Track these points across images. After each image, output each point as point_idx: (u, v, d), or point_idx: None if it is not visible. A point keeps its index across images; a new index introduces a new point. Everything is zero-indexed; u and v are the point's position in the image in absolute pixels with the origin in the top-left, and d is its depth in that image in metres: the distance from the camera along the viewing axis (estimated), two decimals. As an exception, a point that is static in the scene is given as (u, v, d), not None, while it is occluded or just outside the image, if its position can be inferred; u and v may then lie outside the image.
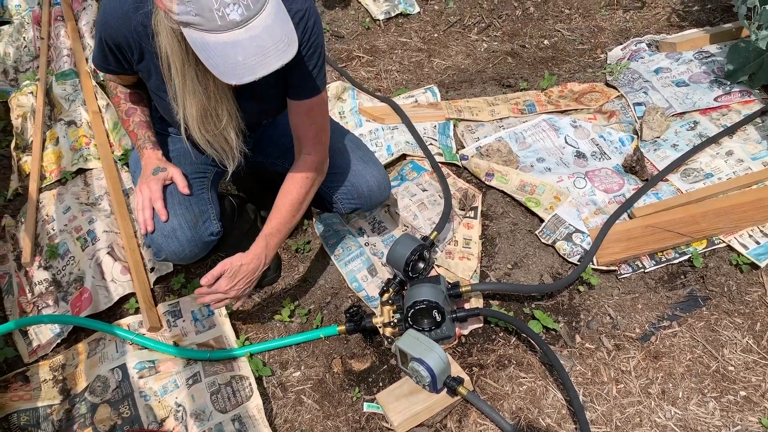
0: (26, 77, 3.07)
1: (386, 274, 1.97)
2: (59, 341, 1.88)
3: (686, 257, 1.91)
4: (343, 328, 1.79)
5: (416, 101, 2.65)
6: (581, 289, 1.89)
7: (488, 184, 2.20)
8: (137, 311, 1.93)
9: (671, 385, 1.65)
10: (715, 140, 2.18)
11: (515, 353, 1.75)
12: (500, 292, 1.89)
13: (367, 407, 1.67)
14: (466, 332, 1.80)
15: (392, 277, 1.85)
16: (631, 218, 2.03)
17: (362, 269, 2.00)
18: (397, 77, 2.91)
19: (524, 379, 1.70)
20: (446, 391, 1.60)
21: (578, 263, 1.91)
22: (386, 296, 1.79)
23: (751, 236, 1.92)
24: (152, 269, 2.04)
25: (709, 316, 1.79)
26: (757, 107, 2.28)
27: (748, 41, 2.35)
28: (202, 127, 1.44)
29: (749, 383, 1.63)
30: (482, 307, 1.83)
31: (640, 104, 2.43)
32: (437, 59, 2.99)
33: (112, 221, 2.17)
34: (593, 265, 1.91)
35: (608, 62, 2.75)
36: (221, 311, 1.88)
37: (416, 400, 1.61)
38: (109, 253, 2.03)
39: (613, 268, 1.91)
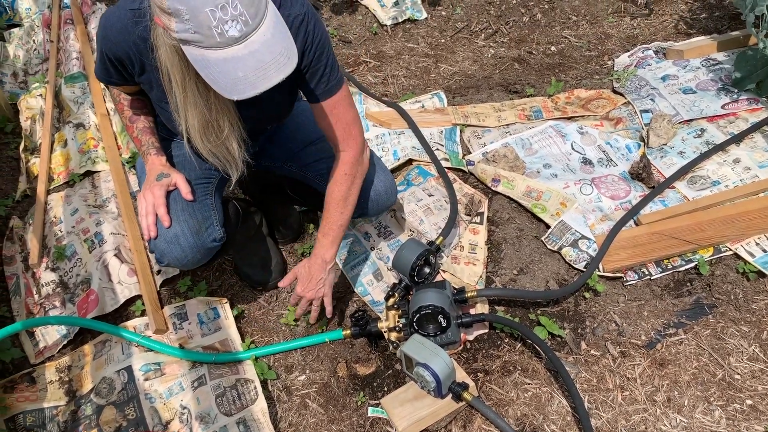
0: (35, 80, 3.09)
1: (392, 278, 1.97)
2: (65, 343, 1.89)
3: (692, 265, 1.91)
4: (348, 332, 1.79)
5: (423, 106, 2.65)
6: (587, 295, 1.88)
7: (494, 189, 2.20)
8: (143, 313, 1.93)
9: (677, 392, 1.64)
10: (722, 148, 2.18)
11: (520, 359, 1.75)
12: (506, 297, 1.89)
13: (371, 412, 1.67)
14: (471, 338, 1.80)
15: (398, 281, 1.85)
16: (637, 225, 2.02)
17: (368, 273, 2.00)
18: (404, 82, 2.92)
19: (529, 385, 1.69)
20: (451, 396, 1.60)
21: (584, 270, 1.91)
22: (392, 301, 1.79)
23: (758, 244, 1.91)
24: (159, 272, 2.04)
25: (715, 324, 1.79)
26: (764, 115, 2.27)
27: (755, 49, 2.35)
28: (204, 137, 1.45)
29: (755, 392, 1.63)
30: (488, 312, 1.83)
31: (647, 111, 2.43)
32: (444, 65, 3.00)
33: (119, 223, 2.18)
34: (599, 271, 1.91)
35: (615, 69, 2.76)
36: (227, 314, 1.88)
37: (421, 405, 1.61)
38: (116, 255, 2.04)
39: (619, 274, 1.91)
